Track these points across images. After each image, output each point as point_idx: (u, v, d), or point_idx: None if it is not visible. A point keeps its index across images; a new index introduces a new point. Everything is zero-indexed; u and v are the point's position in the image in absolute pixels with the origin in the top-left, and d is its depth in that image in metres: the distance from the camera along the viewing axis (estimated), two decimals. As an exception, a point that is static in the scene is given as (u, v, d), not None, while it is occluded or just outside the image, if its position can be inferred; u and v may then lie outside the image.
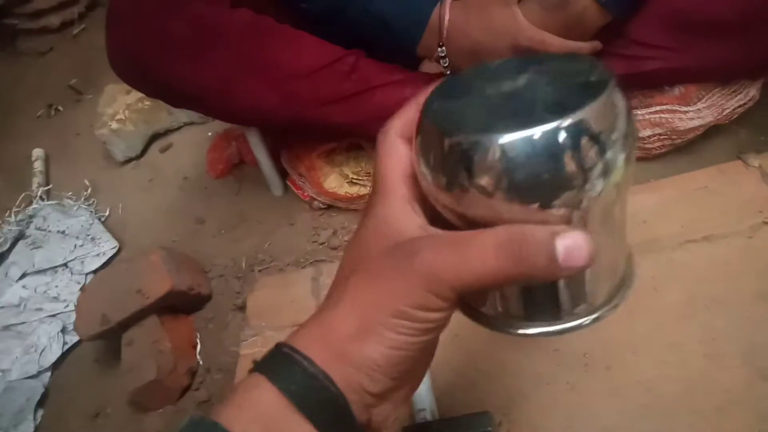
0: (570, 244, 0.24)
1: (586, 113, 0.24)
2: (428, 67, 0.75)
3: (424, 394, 0.62)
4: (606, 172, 0.25)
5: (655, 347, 0.62)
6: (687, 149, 0.77)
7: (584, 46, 0.69)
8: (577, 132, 0.24)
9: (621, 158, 0.25)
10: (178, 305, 0.82)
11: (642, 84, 0.75)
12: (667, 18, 0.69)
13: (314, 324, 0.30)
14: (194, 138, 1.13)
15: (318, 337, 0.29)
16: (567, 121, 0.24)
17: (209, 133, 1.11)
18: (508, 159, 0.24)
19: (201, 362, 0.80)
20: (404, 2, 0.72)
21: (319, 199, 0.87)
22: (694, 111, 0.73)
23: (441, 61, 0.73)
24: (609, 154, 0.25)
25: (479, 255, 0.25)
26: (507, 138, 0.24)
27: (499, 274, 0.25)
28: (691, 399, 0.58)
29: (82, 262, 0.96)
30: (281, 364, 0.29)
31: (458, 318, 0.68)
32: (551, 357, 0.64)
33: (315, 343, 0.29)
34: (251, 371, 0.29)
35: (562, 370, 0.63)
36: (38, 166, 1.22)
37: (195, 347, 0.82)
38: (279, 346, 0.30)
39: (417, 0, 0.72)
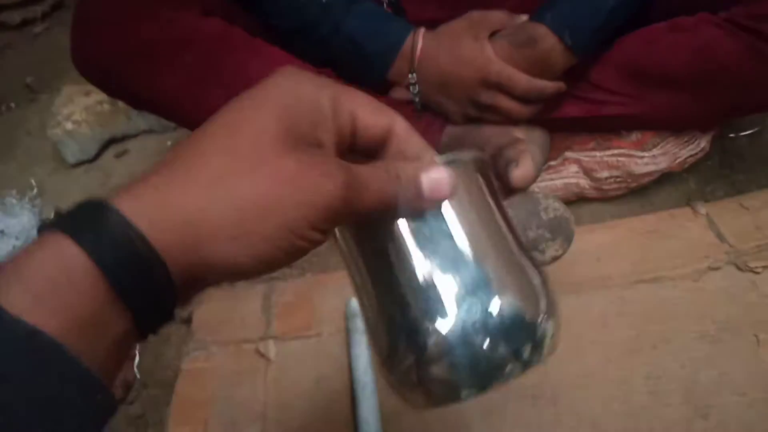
0: (434, 177, 0.28)
1: None
2: (398, 92, 0.76)
3: (370, 418, 0.61)
4: None
5: (601, 382, 0.62)
6: (641, 193, 0.80)
7: (549, 85, 0.71)
8: None
9: None
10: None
11: (601, 127, 0.78)
12: (625, 66, 0.72)
13: (166, 186, 0.24)
14: (152, 146, 1.10)
15: (163, 209, 0.24)
16: None
17: (168, 143, 1.09)
18: None
19: (138, 376, 0.76)
20: (378, 26, 0.73)
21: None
22: (650, 157, 0.76)
23: (411, 87, 0.74)
24: None
25: (376, 188, 0.27)
26: None
27: (381, 206, 0.27)
28: (633, 434, 0.59)
29: (20, 264, 0.91)
30: (91, 221, 0.23)
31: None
32: (500, 389, 0.64)
33: (157, 215, 0.23)
34: (48, 228, 0.23)
35: (510, 402, 0.63)
36: (-18, 162, 1.16)
37: (133, 359, 0.78)
38: (94, 201, 0.23)
39: (390, 25, 0.73)
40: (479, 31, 0.71)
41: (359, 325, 0.69)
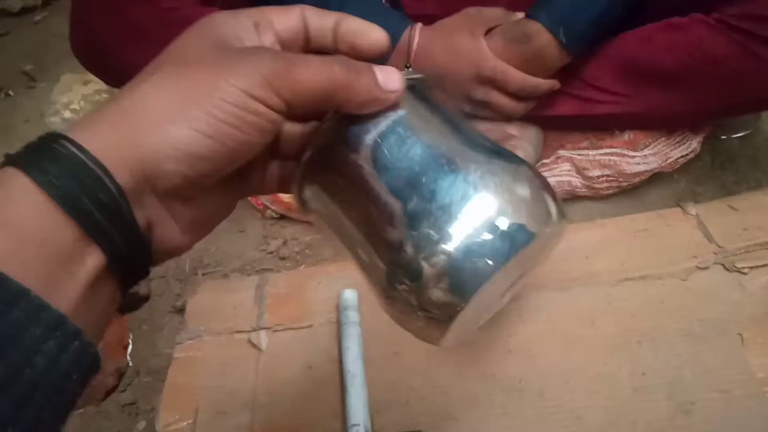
0: (386, 72, 0.28)
1: None
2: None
3: (359, 409, 0.62)
4: None
5: (586, 377, 0.63)
6: (632, 192, 0.81)
7: (543, 83, 0.72)
8: None
9: None
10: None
11: (594, 126, 0.79)
12: (618, 65, 0.73)
13: (103, 112, 0.24)
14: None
15: (105, 123, 0.24)
16: None
17: (166, 131, 1.09)
18: None
19: (131, 363, 0.77)
20: (375, 18, 0.73)
21: (272, 207, 0.87)
22: (641, 157, 0.77)
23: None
24: None
25: (316, 64, 0.27)
26: None
27: (328, 84, 0.26)
28: (616, 429, 0.60)
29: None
30: (43, 155, 0.22)
31: (398, 336, 0.69)
32: (488, 381, 0.65)
33: (99, 130, 0.23)
34: (2, 165, 0.22)
35: (497, 394, 0.64)
36: (-21, 148, 1.17)
37: (126, 347, 0.79)
38: (57, 136, 0.23)
39: (387, 18, 0.74)
40: (475, 27, 0.72)
41: (350, 317, 0.69)
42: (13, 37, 1.55)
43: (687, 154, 0.76)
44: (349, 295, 0.71)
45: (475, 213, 0.28)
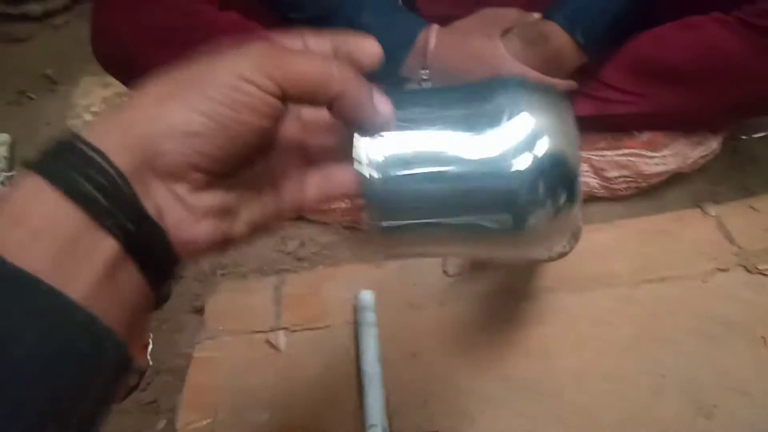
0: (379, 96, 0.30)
1: None
2: (410, 88, 0.77)
3: (376, 409, 0.62)
4: None
5: (601, 378, 0.63)
6: (650, 193, 0.80)
7: (560, 83, 0.71)
8: None
9: None
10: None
11: (611, 127, 0.78)
12: (635, 65, 0.73)
13: (112, 112, 0.26)
14: (168, 137, 1.12)
15: (107, 117, 0.25)
16: None
17: (184, 133, 1.10)
18: None
19: (151, 363, 0.78)
20: (391, 21, 0.74)
21: (288, 209, 0.87)
22: (660, 157, 0.76)
23: (423, 84, 0.75)
24: None
25: (313, 56, 0.29)
26: None
27: (323, 75, 0.27)
28: (631, 430, 0.59)
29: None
30: (71, 167, 0.23)
31: (416, 337, 0.69)
32: (505, 382, 0.65)
33: (101, 123, 0.25)
34: (27, 170, 0.23)
35: (514, 395, 0.64)
36: (2, 151, 1.19)
37: (146, 347, 0.80)
38: (65, 140, 0.24)
39: (404, 20, 0.74)
40: (491, 28, 0.72)
41: (367, 317, 0.70)
42: (34, 42, 1.58)
43: (706, 155, 0.76)
44: (366, 296, 0.72)
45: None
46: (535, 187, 0.30)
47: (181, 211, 0.26)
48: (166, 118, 0.24)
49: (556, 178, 0.31)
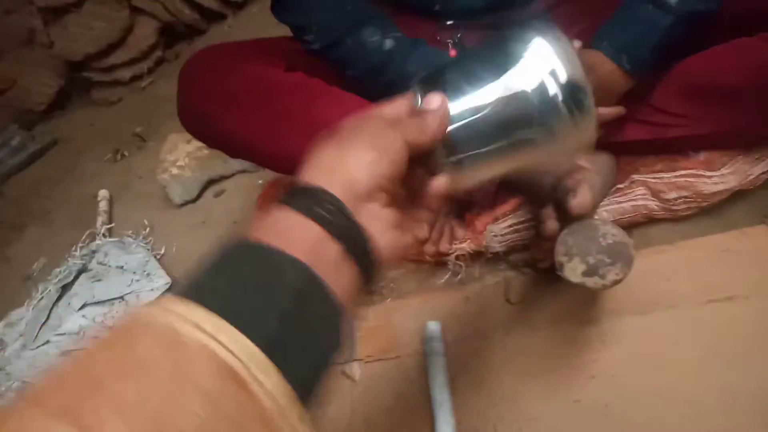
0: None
1: None
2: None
3: (447, 434, 0.65)
4: None
5: (674, 401, 0.64)
6: (713, 212, 0.80)
7: (609, 111, 0.73)
8: None
9: None
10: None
11: (667, 150, 0.79)
12: (684, 87, 0.73)
13: (316, 169, 0.36)
14: (246, 185, 1.21)
15: (326, 174, 0.35)
16: None
17: (260, 181, 1.19)
18: None
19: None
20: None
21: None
22: (719, 176, 0.76)
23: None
24: None
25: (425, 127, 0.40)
26: None
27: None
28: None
29: (138, 296, 1.04)
30: (307, 199, 0.34)
31: (484, 365, 0.72)
32: (573, 407, 0.67)
33: (317, 177, 0.35)
34: (274, 205, 0.34)
35: (583, 420, 0.65)
36: (103, 206, 1.32)
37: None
38: (297, 185, 0.35)
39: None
40: None
41: (435, 347, 0.74)
42: (125, 103, 1.75)
43: (767, 171, 0.75)
44: (434, 327, 0.75)
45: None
46: (554, 101, 0.42)
47: (378, 224, 0.36)
48: (352, 157, 0.36)
49: (568, 92, 0.42)
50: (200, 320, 0.25)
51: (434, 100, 0.41)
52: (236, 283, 0.29)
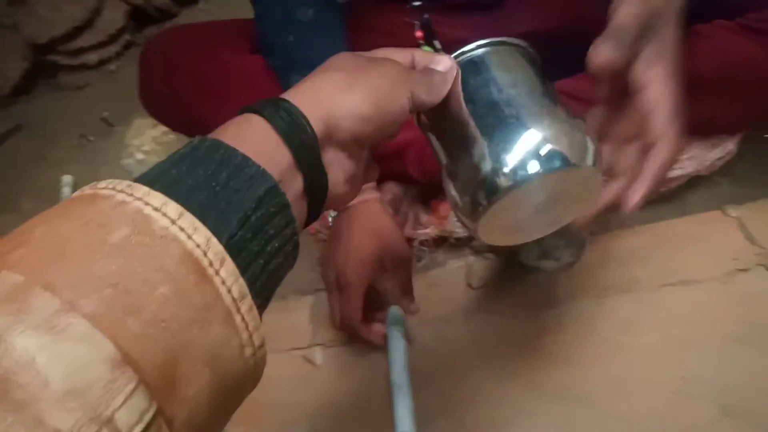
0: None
1: None
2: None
3: (405, 417, 0.66)
4: None
5: (629, 383, 0.65)
6: (672, 197, 0.81)
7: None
8: None
9: None
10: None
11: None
12: None
13: (292, 92, 0.35)
14: (213, 171, 1.20)
15: (300, 96, 0.34)
16: None
17: (226, 167, 1.18)
18: None
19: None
20: None
21: (323, 232, 0.93)
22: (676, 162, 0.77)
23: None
24: None
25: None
26: None
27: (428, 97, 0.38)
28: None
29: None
30: (271, 107, 0.33)
31: (445, 350, 0.72)
32: (533, 390, 0.67)
33: (298, 99, 0.34)
34: (240, 113, 0.33)
35: (542, 403, 0.66)
36: (66, 192, 1.30)
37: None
38: (286, 102, 0.34)
39: None
40: None
41: (397, 332, 0.74)
42: (92, 88, 1.71)
43: (723, 156, 0.76)
44: (396, 312, 0.76)
45: (523, 137, 0.37)
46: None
47: (338, 171, 0.36)
48: (347, 102, 0.34)
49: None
50: (166, 208, 0.25)
51: (444, 60, 0.40)
52: (204, 179, 0.28)
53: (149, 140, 1.20)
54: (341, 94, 0.34)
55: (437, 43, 0.77)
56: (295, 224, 0.31)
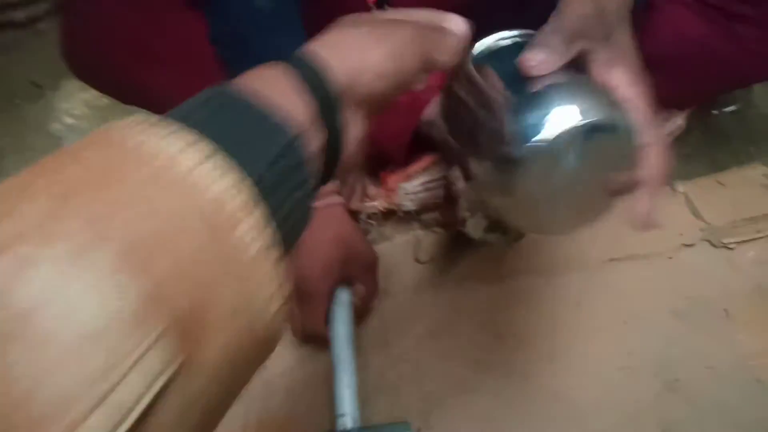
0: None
1: None
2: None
3: (347, 398, 0.63)
4: None
5: (573, 358, 0.64)
6: (620, 173, 0.80)
7: None
8: None
9: None
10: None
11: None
12: None
13: (312, 49, 0.33)
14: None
15: (322, 51, 0.33)
16: None
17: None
18: None
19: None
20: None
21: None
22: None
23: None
24: None
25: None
26: None
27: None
28: (603, 408, 0.60)
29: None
30: (296, 58, 0.32)
31: (387, 325, 0.70)
32: (477, 366, 0.66)
33: (320, 54, 0.33)
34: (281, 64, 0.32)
35: (485, 378, 0.65)
36: (-11, 161, 1.21)
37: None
38: (316, 59, 0.33)
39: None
40: None
41: (341, 297, 0.70)
42: (20, 48, 1.59)
43: (672, 131, 0.76)
44: (342, 294, 0.72)
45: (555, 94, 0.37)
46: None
47: (352, 131, 0.34)
48: (369, 59, 0.33)
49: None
50: (198, 146, 0.24)
51: (458, 20, 0.38)
52: (232, 122, 0.27)
53: (80, 104, 1.12)
54: (365, 50, 0.33)
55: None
56: (312, 181, 0.30)
